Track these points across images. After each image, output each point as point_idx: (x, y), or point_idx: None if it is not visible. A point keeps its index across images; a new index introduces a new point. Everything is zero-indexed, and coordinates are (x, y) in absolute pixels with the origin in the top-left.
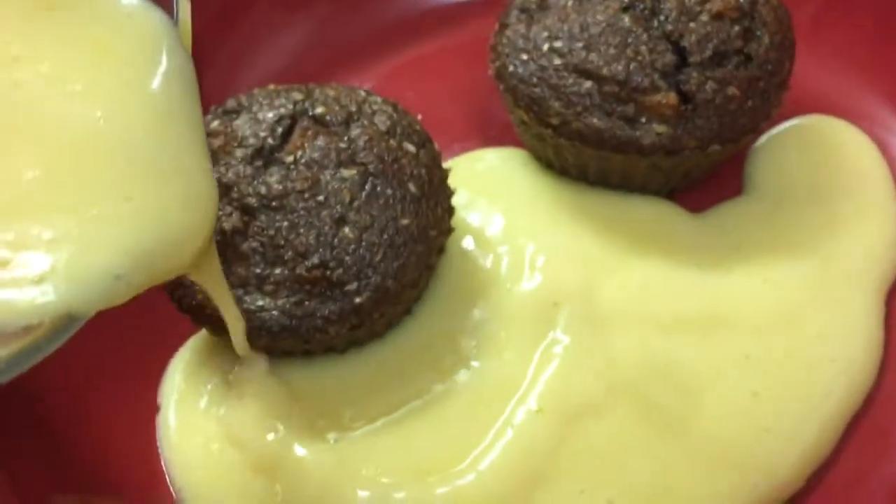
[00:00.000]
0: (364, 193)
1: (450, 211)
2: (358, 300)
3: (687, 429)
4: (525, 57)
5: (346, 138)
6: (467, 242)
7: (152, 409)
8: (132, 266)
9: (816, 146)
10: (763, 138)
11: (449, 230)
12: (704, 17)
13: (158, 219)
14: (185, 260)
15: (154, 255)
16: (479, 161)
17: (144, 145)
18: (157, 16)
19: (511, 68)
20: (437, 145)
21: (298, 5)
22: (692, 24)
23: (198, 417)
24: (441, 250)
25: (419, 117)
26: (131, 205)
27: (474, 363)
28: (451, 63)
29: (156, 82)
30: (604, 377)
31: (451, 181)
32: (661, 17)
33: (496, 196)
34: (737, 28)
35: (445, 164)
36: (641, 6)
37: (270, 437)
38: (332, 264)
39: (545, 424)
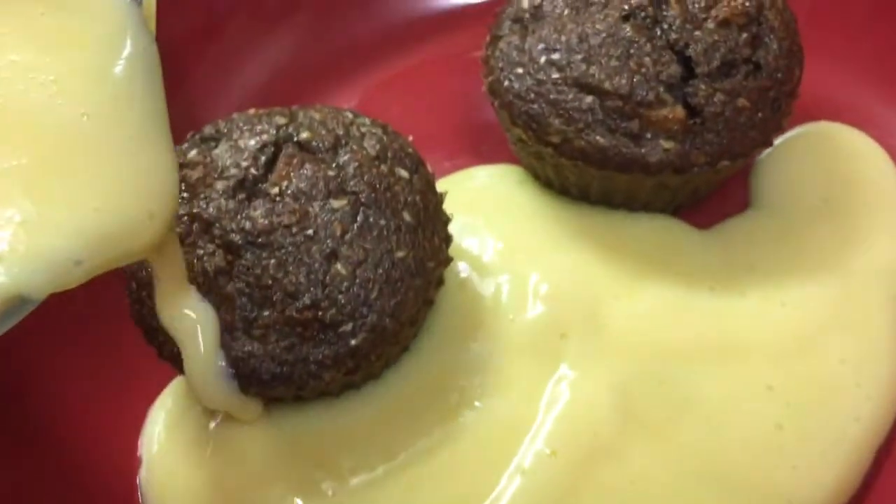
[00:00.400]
0: (356, 225)
1: (447, 240)
2: (353, 342)
3: (711, 467)
4: (521, 71)
5: (334, 165)
6: (464, 270)
7: (133, 462)
8: (87, 250)
9: (826, 155)
10: (768, 149)
11: (447, 260)
12: (710, 25)
13: (115, 203)
14: (141, 245)
15: (110, 240)
16: (472, 180)
17: (104, 130)
18: None
19: (506, 83)
20: (430, 167)
21: (277, 19)
22: (698, 33)
23: (182, 470)
24: (440, 283)
25: (410, 138)
26: (88, 189)
27: (479, 403)
28: (438, 75)
29: (118, 67)
30: (619, 414)
31: (445, 202)
32: (665, 26)
33: (493, 218)
34: (744, 35)
35: (437, 184)
36: (643, 14)
37: (265, 489)
38: (324, 304)
39: (559, 469)
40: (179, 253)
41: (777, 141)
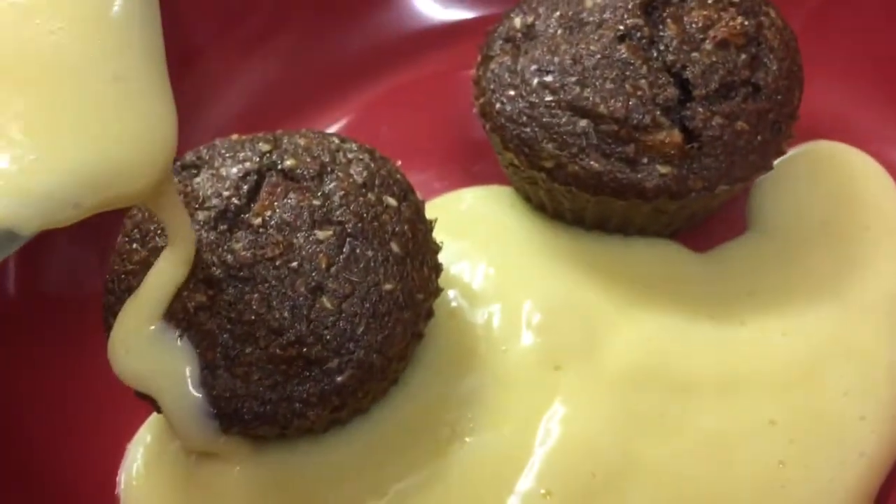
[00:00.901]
0: (342, 257)
1: (437, 269)
2: (340, 379)
3: None
4: (512, 93)
5: (319, 194)
6: (454, 298)
7: (112, 499)
8: (80, 189)
9: (825, 175)
10: (768, 172)
11: (437, 291)
12: (708, 46)
13: (110, 145)
14: (136, 188)
15: (102, 181)
16: (461, 202)
17: (101, 72)
18: None
19: (498, 105)
20: (419, 194)
21: (262, 40)
22: (695, 54)
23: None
24: (429, 315)
25: (399, 163)
26: (83, 128)
27: (469, 438)
28: (428, 94)
29: (116, 8)
30: (617, 451)
31: (435, 228)
32: (661, 47)
33: (484, 243)
34: (743, 56)
35: (426, 208)
36: (639, 35)
37: None
38: (309, 340)
39: None
40: (179, 202)
41: (776, 161)
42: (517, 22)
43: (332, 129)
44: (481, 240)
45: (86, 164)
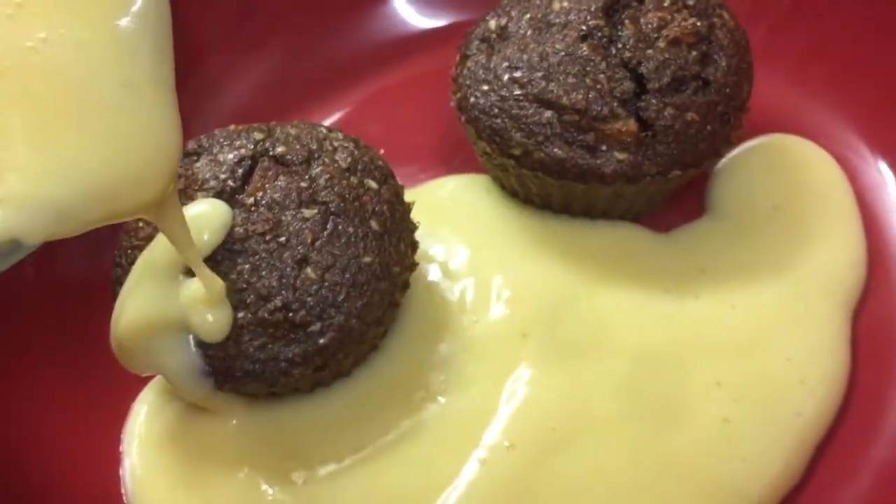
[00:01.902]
0: (326, 233)
1: (413, 246)
2: (322, 341)
3: (661, 458)
4: (486, 88)
5: (307, 177)
6: (433, 275)
7: (116, 453)
8: (82, 202)
9: (778, 165)
10: (725, 158)
11: (413, 265)
12: (661, 44)
13: (114, 158)
14: (140, 202)
15: (106, 195)
16: (441, 189)
17: (107, 82)
18: None
19: (472, 99)
20: (399, 179)
21: (258, 43)
22: (650, 51)
23: (162, 461)
24: (405, 286)
25: (381, 151)
26: (88, 142)
27: (442, 398)
28: (415, 92)
29: (127, 20)
30: (574, 409)
31: (415, 211)
32: (619, 45)
33: (460, 226)
34: (694, 53)
35: (409, 194)
36: (599, 34)
37: (238, 477)
38: (294, 306)
39: (517, 460)
40: (181, 213)
41: (734, 151)
42: (492, 24)
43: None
44: (458, 223)
45: (90, 177)
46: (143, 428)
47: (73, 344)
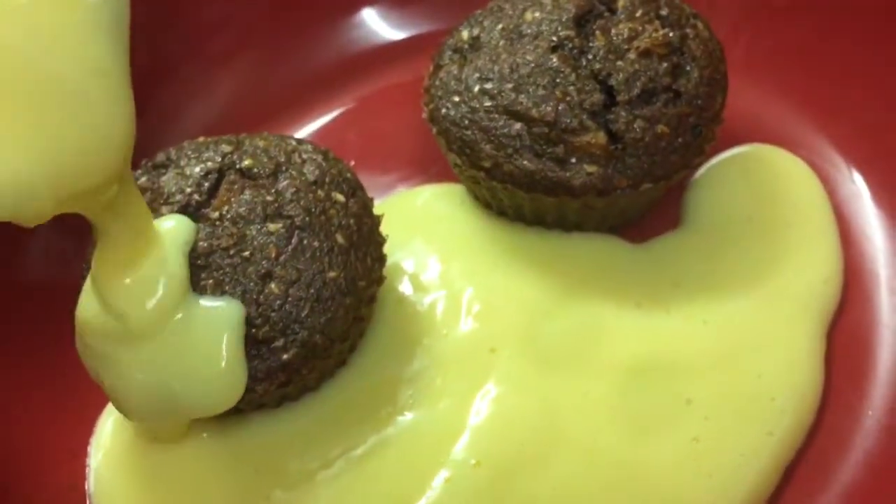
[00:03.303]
0: (290, 248)
1: (381, 260)
2: (285, 357)
3: (630, 478)
4: (457, 99)
5: (273, 191)
6: (403, 287)
7: (83, 471)
8: (36, 182)
9: (755, 176)
10: (702, 169)
11: (380, 279)
12: (632, 55)
13: (62, 138)
14: (91, 183)
15: (57, 174)
16: (416, 198)
17: (65, 60)
18: None
19: (443, 111)
20: (375, 190)
21: (231, 55)
22: (620, 63)
23: (127, 480)
24: (372, 300)
25: (352, 163)
26: (38, 119)
27: (409, 414)
28: (393, 102)
29: (85, 9)
30: (543, 426)
31: (388, 221)
32: (590, 56)
33: (432, 236)
34: (665, 64)
35: (383, 203)
36: (570, 45)
37: (205, 494)
38: (257, 321)
39: (483, 479)
40: (140, 207)
41: (711, 161)
42: (464, 34)
43: (300, 136)
44: (431, 233)
45: (38, 158)
46: (109, 441)
47: (40, 350)
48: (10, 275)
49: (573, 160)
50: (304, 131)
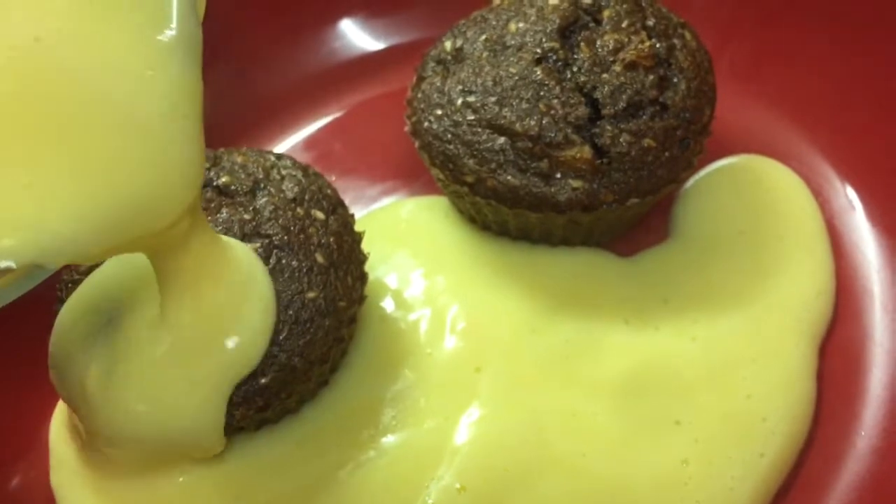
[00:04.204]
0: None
1: (362, 279)
2: (262, 381)
3: (618, 500)
4: (440, 112)
5: (251, 209)
6: (386, 303)
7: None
8: (95, 228)
9: (745, 187)
10: (691, 180)
11: (361, 299)
12: (617, 68)
13: (128, 185)
14: (156, 228)
15: (121, 220)
16: (399, 210)
17: (133, 109)
18: None
19: (426, 124)
20: (359, 203)
21: (207, 65)
22: (605, 76)
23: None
24: (352, 321)
25: (333, 178)
26: (104, 167)
27: (392, 436)
28: (377, 113)
29: (159, 46)
30: (530, 448)
31: (371, 234)
32: (574, 69)
33: (416, 251)
34: (651, 77)
35: (367, 216)
36: (554, 57)
37: None
38: None
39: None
40: (214, 243)
41: (701, 172)
42: (447, 45)
43: (284, 149)
44: (415, 247)
45: (102, 202)
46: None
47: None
48: None
49: (558, 175)
50: (287, 143)
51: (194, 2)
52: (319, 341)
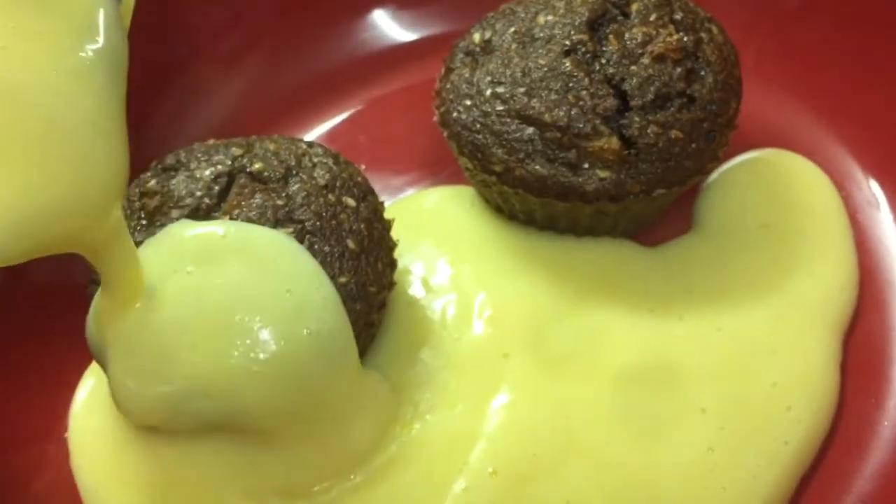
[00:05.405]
0: None
1: (391, 265)
2: None
3: (643, 487)
4: (469, 103)
5: (283, 195)
6: (414, 290)
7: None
8: (9, 233)
9: (769, 181)
10: (715, 173)
11: (391, 284)
12: (646, 60)
13: (47, 192)
14: (72, 230)
15: (37, 228)
16: (425, 200)
17: (56, 113)
18: None
19: (455, 114)
20: (386, 193)
21: (241, 56)
22: (633, 68)
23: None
24: (382, 306)
25: (363, 167)
26: (24, 174)
27: (429, 416)
28: (404, 104)
29: (86, 55)
30: (558, 433)
31: (397, 223)
32: (603, 61)
33: (443, 239)
34: (679, 69)
35: (393, 205)
36: (583, 49)
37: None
38: None
39: (500, 487)
40: (130, 257)
41: (725, 165)
42: (476, 37)
43: (311, 138)
44: (441, 236)
45: (20, 205)
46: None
47: (52, 361)
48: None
49: (586, 165)
50: (314, 133)
51: (120, 15)
52: (351, 325)
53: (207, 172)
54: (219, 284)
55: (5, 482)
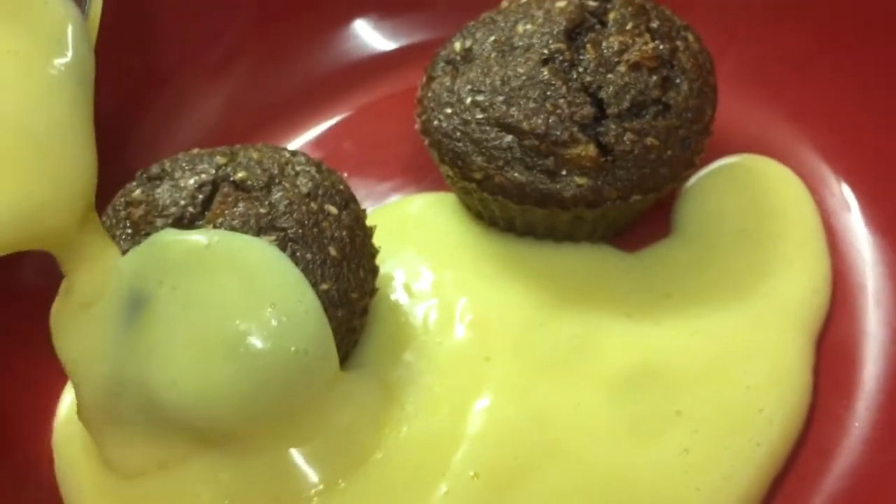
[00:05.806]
0: None
1: (373, 271)
2: None
3: (622, 489)
4: (449, 111)
5: (266, 203)
6: (396, 296)
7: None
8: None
9: (747, 186)
10: (693, 178)
11: (373, 291)
12: (622, 68)
13: (15, 194)
14: (46, 233)
15: (10, 223)
16: (408, 207)
17: (25, 121)
18: (69, 7)
19: (436, 122)
20: (369, 199)
21: (224, 64)
22: (610, 76)
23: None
24: (364, 312)
25: (345, 174)
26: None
27: (416, 420)
28: (387, 112)
29: (54, 70)
30: (537, 436)
31: (380, 229)
32: (580, 69)
33: (425, 246)
34: (654, 77)
35: (376, 212)
36: (561, 58)
37: None
38: None
39: (481, 491)
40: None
41: (703, 171)
42: (457, 46)
43: (296, 147)
44: (423, 242)
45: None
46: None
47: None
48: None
49: (563, 172)
50: (298, 141)
51: (86, 30)
52: (332, 332)
53: (191, 181)
54: (203, 300)
55: None
